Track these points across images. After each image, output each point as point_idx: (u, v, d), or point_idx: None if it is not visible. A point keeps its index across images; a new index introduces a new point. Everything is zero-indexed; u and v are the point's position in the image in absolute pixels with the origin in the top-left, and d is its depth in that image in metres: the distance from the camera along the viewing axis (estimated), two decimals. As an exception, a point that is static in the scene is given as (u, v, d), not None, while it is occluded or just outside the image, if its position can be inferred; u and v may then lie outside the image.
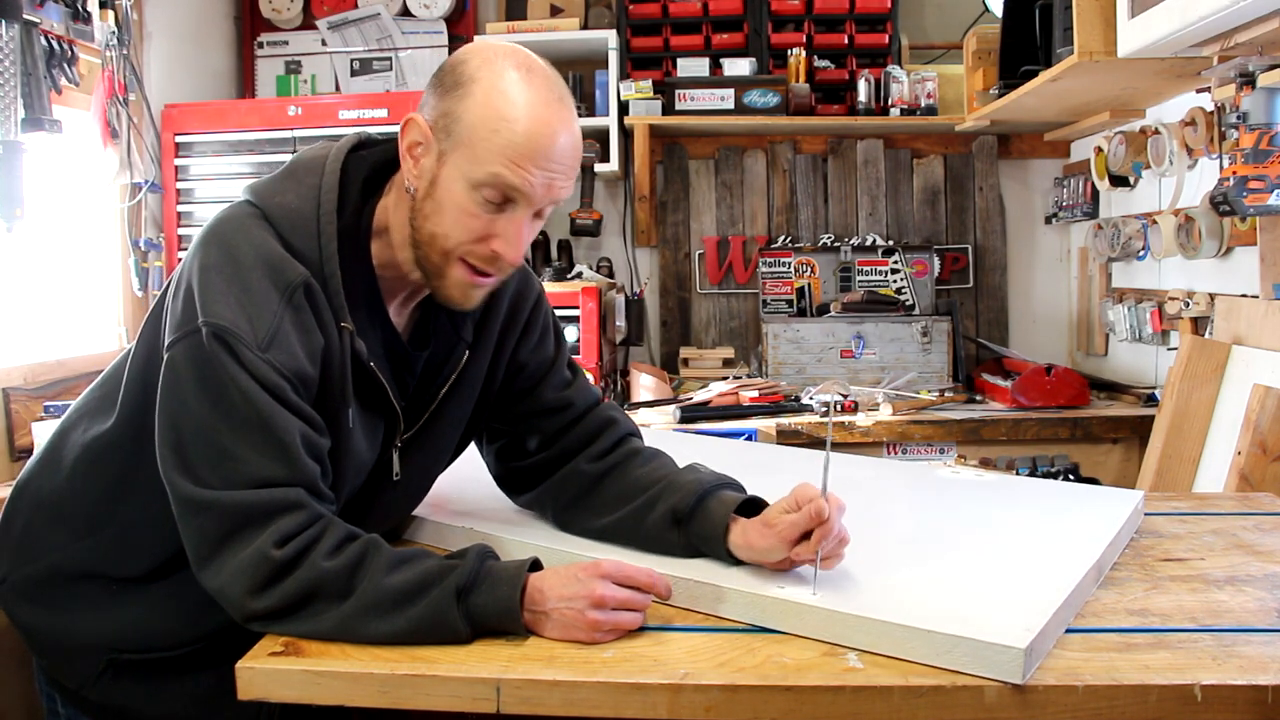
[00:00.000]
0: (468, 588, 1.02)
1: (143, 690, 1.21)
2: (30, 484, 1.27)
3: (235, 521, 1.02)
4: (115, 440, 1.20)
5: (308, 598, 1.02)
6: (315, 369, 1.09)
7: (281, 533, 1.02)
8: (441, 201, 1.10)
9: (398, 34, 3.45)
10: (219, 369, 1.03)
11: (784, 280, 3.31)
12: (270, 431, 1.03)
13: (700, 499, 1.18)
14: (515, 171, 1.07)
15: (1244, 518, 1.45)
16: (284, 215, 1.12)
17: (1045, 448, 2.69)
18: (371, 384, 1.17)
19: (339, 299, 1.12)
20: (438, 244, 1.12)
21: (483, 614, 1.02)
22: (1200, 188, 2.47)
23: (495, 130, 1.06)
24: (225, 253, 1.09)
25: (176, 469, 1.04)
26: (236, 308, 1.05)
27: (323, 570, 1.02)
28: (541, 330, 1.36)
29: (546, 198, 1.11)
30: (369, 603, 1.02)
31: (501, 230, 1.11)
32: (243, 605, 1.02)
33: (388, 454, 1.23)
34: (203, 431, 1.04)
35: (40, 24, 2.20)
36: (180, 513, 1.05)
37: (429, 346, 1.24)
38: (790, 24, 3.40)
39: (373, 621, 1.01)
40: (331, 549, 1.03)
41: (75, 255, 2.64)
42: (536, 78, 1.10)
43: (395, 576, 1.03)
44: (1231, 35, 1.86)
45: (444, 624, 1.01)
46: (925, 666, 0.95)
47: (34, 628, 1.23)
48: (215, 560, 1.03)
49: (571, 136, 1.11)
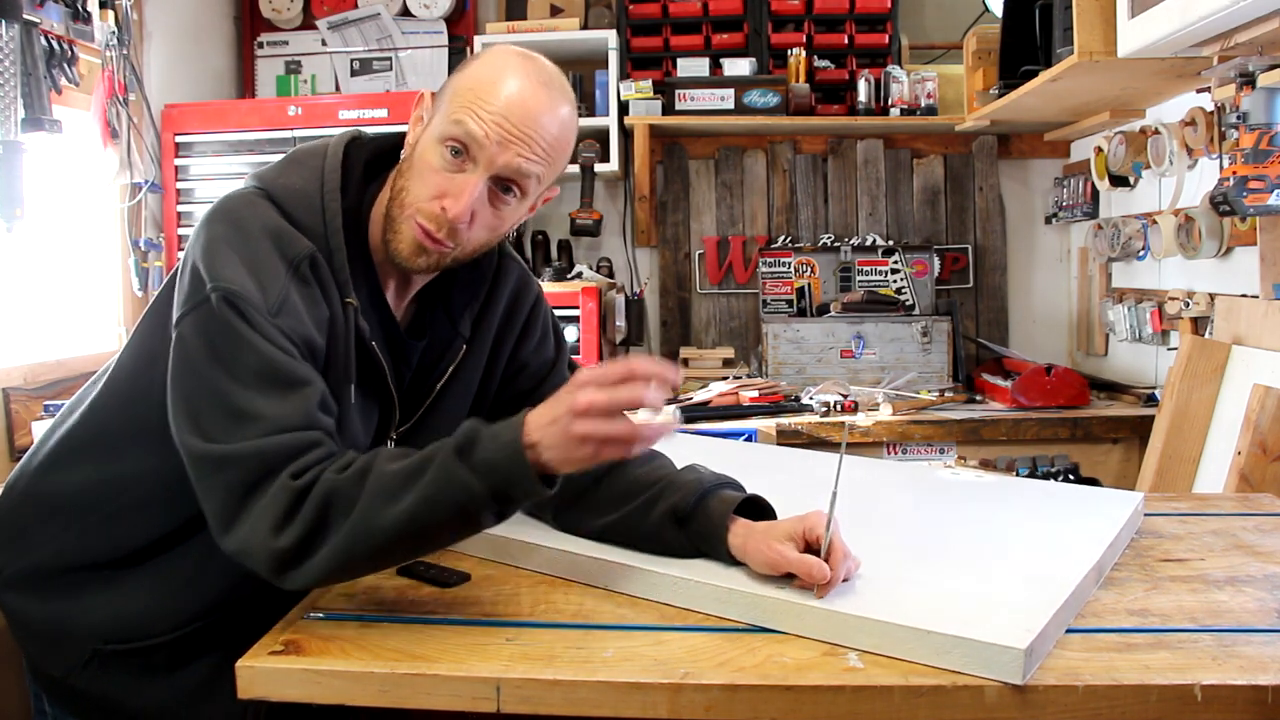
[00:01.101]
0: (467, 446, 0.99)
1: (128, 682, 1.21)
2: (19, 481, 1.28)
3: (257, 470, 1.00)
4: (100, 427, 1.21)
5: (324, 515, 0.99)
6: (322, 339, 1.10)
7: (298, 466, 1.01)
8: (414, 160, 1.15)
9: (398, 34, 3.45)
10: (230, 331, 1.03)
11: (784, 280, 3.31)
12: (284, 382, 1.03)
13: (701, 498, 1.18)
14: (477, 121, 1.10)
15: (1244, 518, 1.45)
16: (288, 194, 1.13)
17: (1045, 448, 2.69)
18: (371, 365, 1.17)
19: (344, 274, 1.13)
20: (399, 199, 1.15)
21: (488, 465, 0.98)
22: (1200, 188, 2.47)
23: (470, 88, 1.12)
24: (232, 225, 1.09)
25: (191, 432, 1.03)
26: (245, 274, 1.05)
27: (333, 482, 1.00)
28: (542, 330, 1.37)
29: (502, 159, 1.11)
30: (376, 492, 0.99)
31: (452, 188, 1.12)
32: (268, 547, 0.99)
33: (382, 445, 1.24)
34: (215, 394, 1.03)
35: (40, 24, 2.20)
36: (199, 474, 1.03)
37: (424, 336, 1.25)
38: (790, 24, 3.40)
39: (385, 509, 0.98)
40: (341, 465, 1.02)
41: (75, 255, 2.64)
42: (530, 61, 1.15)
43: (398, 463, 1.01)
44: (1231, 35, 1.86)
45: (453, 484, 0.98)
46: (925, 666, 0.95)
47: (24, 617, 1.24)
48: (240, 515, 1.00)
49: (550, 118, 1.13)
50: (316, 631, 1.04)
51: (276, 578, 1.02)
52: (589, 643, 1.01)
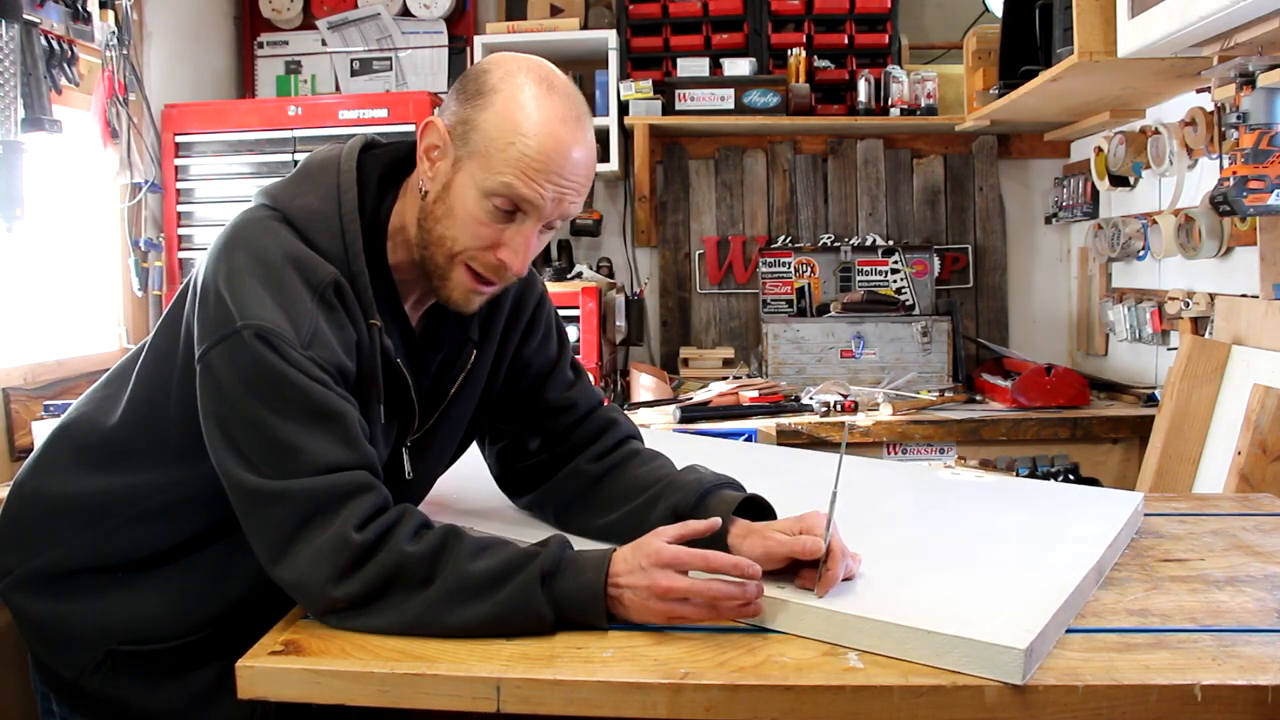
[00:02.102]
0: (552, 573, 1.02)
1: (139, 684, 1.21)
2: (29, 481, 1.27)
3: (308, 508, 1.01)
4: (120, 439, 1.20)
5: (390, 583, 1.01)
6: (353, 364, 1.10)
7: (359, 515, 1.01)
8: (453, 206, 1.12)
9: (398, 34, 3.45)
10: (267, 368, 1.03)
11: (784, 280, 3.30)
12: (328, 418, 1.04)
13: (701, 497, 1.18)
14: (527, 184, 1.08)
15: (1244, 518, 1.45)
16: (305, 217, 1.12)
17: (1045, 448, 2.69)
18: (396, 381, 1.18)
19: (367, 296, 1.13)
20: (445, 246, 1.13)
21: (566, 600, 1.02)
22: (1200, 188, 2.47)
23: (510, 142, 1.08)
24: (253, 255, 1.09)
25: (238, 465, 1.03)
26: (274, 308, 1.05)
27: (406, 554, 1.01)
28: (545, 330, 1.37)
29: (556, 212, 1.12)
30: (452, 588, 1.01)
31: (509, 240, 1.12)
32: (324, 594, 1.01)
33: (398, 454, 1.24)
34: (257, 428, 1.03)
35: (40, 24, 2.20)
36: (247, 509, 1.04)
37: (443, 347, 1.25)
38: (790, 24, 3.40)
39: (457, 608, 1.00)
40: (412, 533, 1.03)
41: (75, 255, 2.65)
42: (556, 95, 1.11)
43: (479, 563, 1.02)
44: (1231, 35, 1.86)
45: (529, 609, 1.01)
46: (925, 666, 0.95)
47: (35, 618, 1.23)
48: (291, 551, 1.01)
49: (585, 153, 1.12)
50: (316, 631, 1.04)
51: (323, 618, 1.04)
52: (589, 643, 1.01)
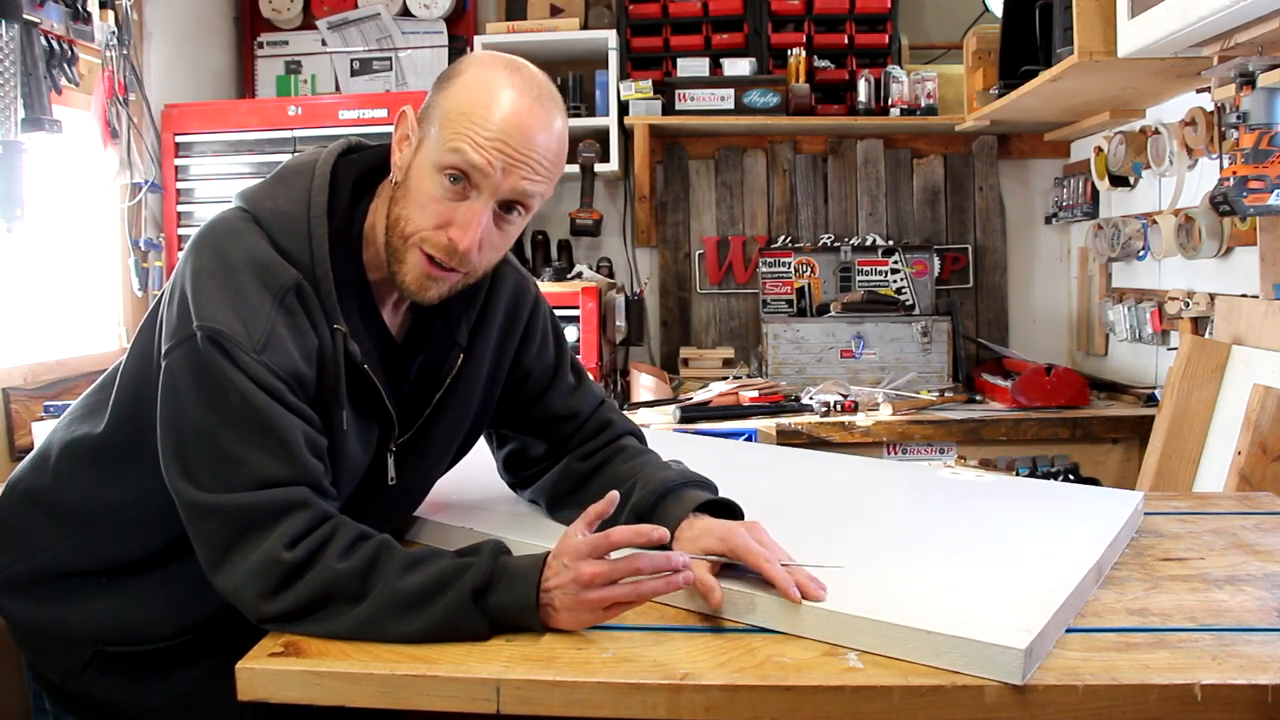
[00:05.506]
0: (484, 588, 1.02)
1: (127, 684, 1.21)
2: (20, 483, 1.28)
3: (241, 524, 1.02)
4: (105, 443, 1.20)
5: (322, 600, 1.02)
6: (311, 370, 1.09)
7: (290, 534, 1.01)
8: (410, 187, 1.12)
9: (398, 34, 3.45)
10: (215, 372, 1.03)
11: (784, 280, 3.30)
12: (270, 431, 1.03)
13: (661, 497, 1.18)
14: (475, 149, 1.07)
15: (1244, 517, 1.45)
16: (275, 219, 1.12)
17: (1045, 448, 2.69)
18: (365, 386, 1.16)
19: (331, 300, 1.11)
20: (400, 228, 1.12)
21: (500, 613, 1.02)
22: (1200, 188, 2.47)
23: (464, 113, 1.08)
24: (216, 257, 1.09)
25: (180, 475, 1.04)
26: (230, 311, 1.05)
27: (336, 572, 1.02)
28: (542, 336, 1.37)
29: (506, 185, 1.10)
30: (384, 605, 1.01)
31: (459, 218, 1.10)
32: (256, 608, 1.02)
33: (382, 458, 1.23)
34: (203, 435, 1.04)
35: (40, 24, 2.20)
36: (187, 518, 1.05)
37: (424, 350, 1.24)
38: (790, 24, 3.40)
39: (390, 624, 1.01)
40: (343, 550, 1.03)
41: (75, 255, 2.64)
42: (520, 76, 1.11)
43: (410, 578, 1.02)
44: (1231, 35, 1.86)
45: (463, 625, 1.01)
46: (925, 667, 0.95)
47: (22, 620, 1.24)
48: (225, 564, 1.03)
49: (545, 135, 1.11)
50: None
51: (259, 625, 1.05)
52: (589, 643, 1.01)
